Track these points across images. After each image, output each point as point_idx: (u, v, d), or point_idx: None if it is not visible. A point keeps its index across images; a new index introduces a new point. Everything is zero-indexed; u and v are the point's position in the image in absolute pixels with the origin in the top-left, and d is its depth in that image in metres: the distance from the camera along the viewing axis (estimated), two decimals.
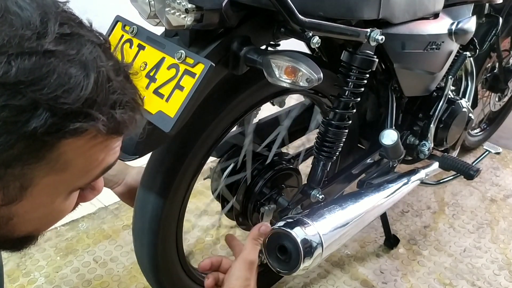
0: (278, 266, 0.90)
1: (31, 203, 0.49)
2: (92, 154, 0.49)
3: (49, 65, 0.43)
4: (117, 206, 1.70)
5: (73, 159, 0.48)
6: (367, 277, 1.45)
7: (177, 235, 1.04)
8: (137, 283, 1.38)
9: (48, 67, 0.43)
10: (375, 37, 0.94)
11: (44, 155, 0.45)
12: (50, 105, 0.43)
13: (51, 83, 0.43)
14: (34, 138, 0.43)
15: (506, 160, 2.12)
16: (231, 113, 0.97)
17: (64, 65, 0.44)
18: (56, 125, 0.43)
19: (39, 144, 0.44)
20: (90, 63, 0.46)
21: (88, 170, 0.51)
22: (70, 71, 0.44)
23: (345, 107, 1.03)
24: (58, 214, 0.54)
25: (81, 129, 0.45)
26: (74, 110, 0.44)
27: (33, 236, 0.56)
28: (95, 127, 0.46)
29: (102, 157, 0.51)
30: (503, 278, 1.47)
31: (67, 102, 0.43)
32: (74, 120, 0.44)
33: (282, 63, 0.78)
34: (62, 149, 0.46)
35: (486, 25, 1.55)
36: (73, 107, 0.44)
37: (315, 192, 1.07)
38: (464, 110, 1.42)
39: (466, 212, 1.77)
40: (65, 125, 0.44)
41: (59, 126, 0.44)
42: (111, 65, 0.49)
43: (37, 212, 0.51)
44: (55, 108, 0.43)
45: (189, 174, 0.97)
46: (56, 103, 0.43)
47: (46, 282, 1.38)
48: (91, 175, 0.52)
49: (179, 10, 0.74)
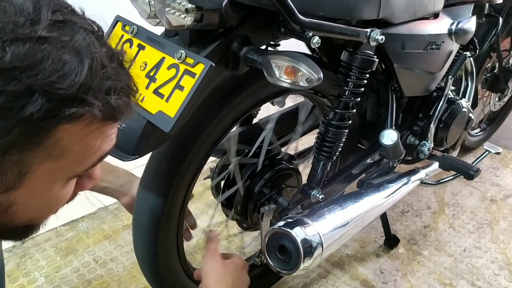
0: (278, 266, 0.90)
1: (29, 190, 0.49)
2: (88, 140, 0.50)
3: (43, 51, 0.43)
4: (117, 206, 1.70)
5: (70, 146, 0.48)
6: (367, 277, 1.45)
7: (177, 235, 1.04)
8: (137, 283, 1.38)
9: (42, 53, 0.43)
10: (375, 37, 0.94)
11: (41, 141, 0.45)
12: (45, 90, 0.43)
13: (45, 69, 0.43)
14: (31, 124, 0.43)
15: (506, 160, 2.12)
16: (231, 113, 0.97)
17: (58, 51, 0.44)
18: (52, 111, 0.44)
19: (35, 130, 0.44)
20: (84, 50, 0.46)
21: (85, 157, 0.51)
22: (64, 57, 0.45)
23: (345, 107, 1.03)
24: (57, 201, 0.54)
25: (76, 115, 0.45)
26: (69, 95, 0.44)
27: (34, 225, 0.56)
28: (91, 113, 0.46)
29: (98, 144, 0.51)
30: (503, 278, 1.47)
31: (62, 87, 0.44)
32: (70, 105, 0.45)
33: (282, 63, 0.78)
34: (58, 135, 0.46)
35: (486, 25, 1.55)
36: (68, 92, 0.44)
37: (315, 192, 1.07)
38: (464, 110, 1.42)
39: (466, 212, 1.77)
40: (60, 111, 0.44)
41: (55, 112, 0.44)
42: (105, 52, 0.49)
43: (36, 200, 0.51)
44: (50, 94, 0.43)
45: (189, 174, 0.97)
46: (51, 88, 0.43)
47: (46, 282, 1.38)
48: (88, 162, 0.52)
49: (179, 10, 0.75)
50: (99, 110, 0.47)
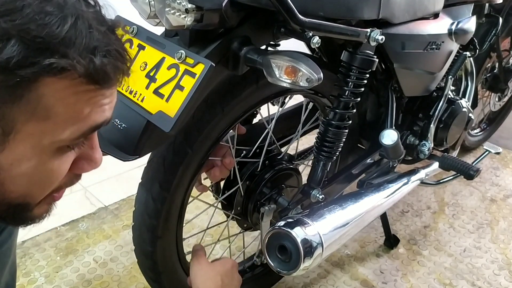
0: (278, 266, 0.91)
1: (16, 153, 0.48)
2: (74, 103, 0.48)
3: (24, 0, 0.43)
4: (117, 206, 1.71)
5: (54, 106, 0.46)
6: (367, 277, 1.45)
7: (177, 235, 1.04)
8: (137, 283, 1.38)
9: (23, 2, 0.43)
10: (375, 37, 0.94)
11: (22, 93, 0.45)
12: (23, 37, 0.42)
13: (24, 16, 0.43)
14: (8, 71, 0.43)
15: (506, 160, 2.12)
16: (231, 113, 0.97)
17: (41, 3, 0.44)
18: (29, 58, 0.43)
19: (14, 79, 0.43)
20: (69, 6, 0.46)
21: (73, 122, 0.49)
22: (46, 9, 0.44)
23: (345, 107, 1.03)
24: (48, 175, 0.52)
25: (56, 66, 0.44)
26: (48, 46, 0.43)
27: (27, 204, 0.54)
28: (72, 67, 0.45)
29: (87, 111, 0.49)
30: (503, 278, 1.47)
31: (40, 35, 0.43)
32: (49, 56, 0.44)
33: (282, 63, 0.78)
34: (40, 90, 0.45)
35: (486, 25, 1.56)
36: (46, 41, 0.43)
37: (315, 192, 1.07)
38: (464, 110, 1.42)
39: (466, 212, 1.77)
40: (39, 60, 0.43)
41: (33, 60, 0.43)
42: (93, 14, 0.48)
43: (24, 167, 0.49)
44: (27, 41, 0.43)
45: (189, 174, 0.97)
46: (29, 35, 0.43)
47: (46, 282, 1.38)
48: (77, 130, 0.50)
49: (179, 10, 0.75)
50: (82, 67, 0.45)
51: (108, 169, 1.85)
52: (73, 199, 1.71)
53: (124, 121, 0.81)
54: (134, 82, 0.80)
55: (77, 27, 0.45)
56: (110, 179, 1.86)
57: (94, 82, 0.48)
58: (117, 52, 0.50)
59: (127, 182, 1.82)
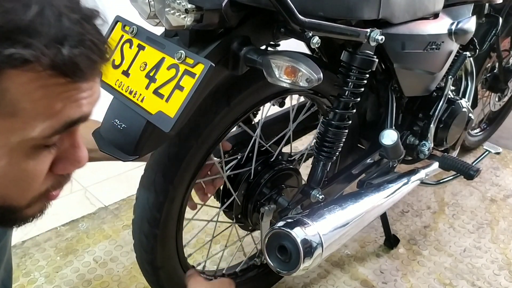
0: (278, 266, 0.91)
1: None
2: (43, 98, 0.44)
3: None
4: (117, 206, 1.71)
5: (20, 101, 0.43)
6: (367, 277, 1.45)
7: (177, 235, 1.04)
8: (137, 283, 1.38)
9: None
10: (375, 37, 0.94)
11: None
12: None
13: None
14: None
15: (506, 160, 2.12)
16: (231, 113, 0.97)
17: None
18: None
19: None
20: None
21: (43, 119, 0.45)
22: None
23: (345, 107, 1.03)
24: (23, 175, 0.49)
25: (18, 57, 0.41)
26: (9, 35, 0.40)
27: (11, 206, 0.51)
28: (37, 59, 0.41)
29: (60, 107, 0.45)
30: (503, 278, 1.47)
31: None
32: (10, 46, 0.40)
33: (282, 63, 0.78)
34: (3, 84, 0.42)
35: (486, 25, 1.56)
36: (7, 30, 0.40)
37: (315, 192, 1.07)
38: (464, 110, 1.42)
39: (466, 212, 1.77)
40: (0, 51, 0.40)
41: None
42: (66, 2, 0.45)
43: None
44: None
45: (189, 174, 0.97)
46: None
47: (46, 282, 1.38)
48: (49, 127, 0.46)
49: (179, 10, 0.75)
50: (48, 59, 0.42)
51: (108, 169, 1.85)
52: (73, 199, 1.71)
53: (124, 121, 0.81)
54: (134, 82, 0.80)
55: (44, 15, 0.42)
56: (110, 179, 1.86)
57: (63, 75, 0.44)
58: (91, 43, 0.45)
59: (127, 182, 1.82)
